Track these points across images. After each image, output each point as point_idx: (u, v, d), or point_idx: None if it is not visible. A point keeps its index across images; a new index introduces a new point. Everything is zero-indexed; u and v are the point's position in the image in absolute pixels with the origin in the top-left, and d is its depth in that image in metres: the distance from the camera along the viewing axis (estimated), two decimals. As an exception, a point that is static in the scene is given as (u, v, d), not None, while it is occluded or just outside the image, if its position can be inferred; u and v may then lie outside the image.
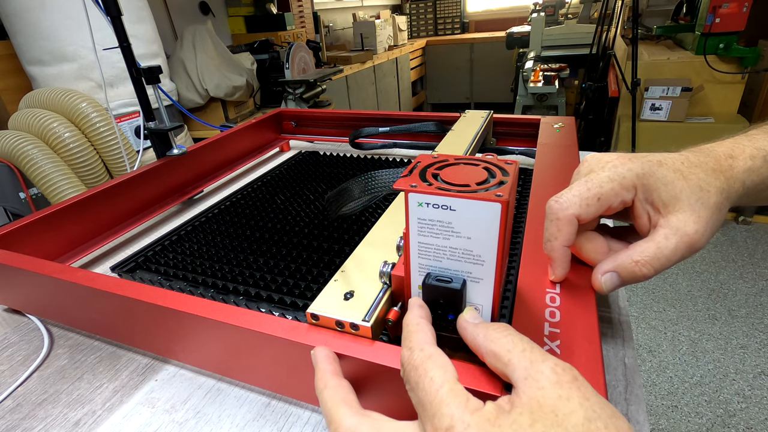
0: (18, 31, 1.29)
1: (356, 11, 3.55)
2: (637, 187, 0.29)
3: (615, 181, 0.28)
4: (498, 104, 4.09)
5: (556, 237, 0.29)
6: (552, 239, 0.29)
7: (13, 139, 1.09)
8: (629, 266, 0.28)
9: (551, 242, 0.29)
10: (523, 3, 4.14)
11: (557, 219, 0.29)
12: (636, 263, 0.28)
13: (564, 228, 0.29)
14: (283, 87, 1.93)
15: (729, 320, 1.60)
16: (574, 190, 0.29)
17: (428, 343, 0.23)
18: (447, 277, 0.25)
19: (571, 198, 0.29)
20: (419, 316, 0.25)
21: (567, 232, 0.29)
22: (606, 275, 0.29)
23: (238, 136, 0.78)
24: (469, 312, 0.25)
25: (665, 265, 0.27)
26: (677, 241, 0.27)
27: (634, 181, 0.28)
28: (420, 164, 0.27)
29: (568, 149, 0.55)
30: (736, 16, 1.88)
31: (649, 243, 0.28)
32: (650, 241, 0.28)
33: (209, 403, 0.35)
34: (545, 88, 2.31)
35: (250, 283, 0.44)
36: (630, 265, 0.28)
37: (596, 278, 0.29)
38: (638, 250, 0.28)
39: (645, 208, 0.29)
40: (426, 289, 0.26)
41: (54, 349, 0.42)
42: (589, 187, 0.29)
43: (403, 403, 0.27)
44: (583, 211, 0.28)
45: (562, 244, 0.29)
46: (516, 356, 0.21)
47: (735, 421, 1.24)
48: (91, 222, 0.55)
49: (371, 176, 0.41)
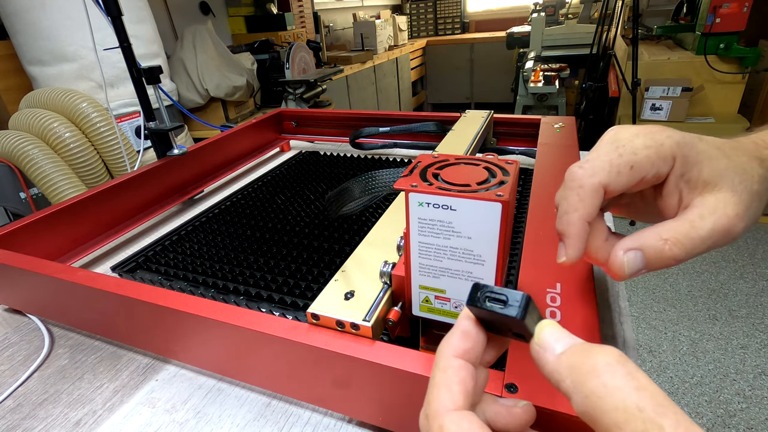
0: (18, 31, 1.29)
1: (356, 11, 3.56)
2: (676, 158, 0.24)
3: (651, 149, 0.24)
4: (498, 104, 4.09)
5: (577, 209, 0.24)
6: (571, 211, 0.24)
7: (13, 139, 1.09)
8: (657, 244, 0.23)
9: (569, 215, 0.24)
10: (523, 3, 4.13)
11: (580, 187, 0.24)
12: (665, 241, 0.23)
13: (587, 199, 0.24)
14: (283, 87, 1.93)
15: (729, 320, 1.59)
16: (603, 155, 0.24)
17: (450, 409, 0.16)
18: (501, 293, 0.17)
19: (600, 164, 0.24)
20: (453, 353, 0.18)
21: (590, 204, 0.24)
22: (630, 254, 0.24)
23: (239, 136, 0.78)
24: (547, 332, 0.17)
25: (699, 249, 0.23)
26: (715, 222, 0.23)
27: (674, 151, 0.24)
28: (420, 164, 0.27)
29: (569, 149, 0.55)
30: (736, 16, 1.88)
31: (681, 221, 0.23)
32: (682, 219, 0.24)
33: (209, 403, 0.35)
34: (545, 88, 2.31)
35: (250, 283, 0.44)
36: (658, 243, 0.23)
37: (617, 258, 0.24)
38: (667, 227, 0.23)
39: (679, 185, 0.24)
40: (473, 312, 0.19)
41: (54, 349, 0.42)
42: (621, 153, 0.24)
43: (403, 403, 0.27)
44: (613, 180, 0.24)
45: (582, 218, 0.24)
46: None
47: (735, 421, 1.24)
48: (91, 222, 0.55)
49: (371, 176, 0.41)
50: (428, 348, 0.30)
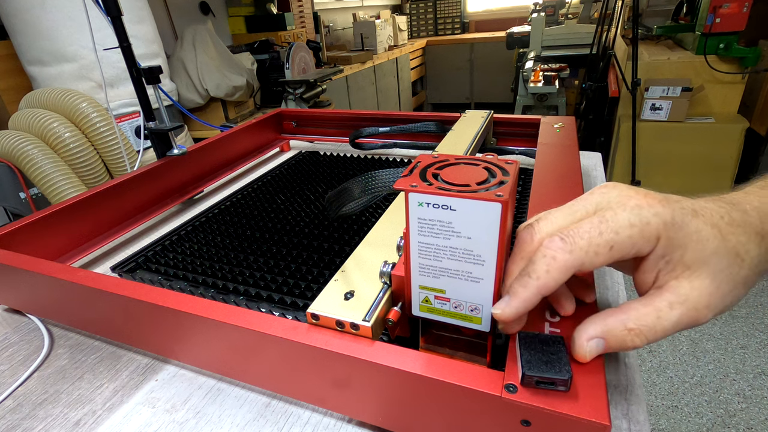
0: (18, 31, 1.29)
1: (356, 11, 3.56)
2: (660, 238, 0.23)
3: (635, 228, 0.23)
4: (498, 104, 4.09)
5: (539, 278, 0.23)
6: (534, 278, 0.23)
7: (13, 139, 1.09)
8: (620, 334, 0.23)
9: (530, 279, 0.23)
10: (523, 3, 4.14)
11: (553, 259, 0.23)
12: (629, 332, 0.23)
13: (554, 273, 0.23)
14: (283, 87, 1.93)
15: (729, 320, 1.60)
16: (584, 230, 0.23)
17: None
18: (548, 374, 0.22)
19: (579, 241, 0.23)
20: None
21: (554, 279, 0.23)
22: (592, 342, 0.23)
23: (239, 136, 0.78)
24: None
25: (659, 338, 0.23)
26: (682, 314, 0.22)
27: (659, 232, 0.23)
28: (420, 164, 0.27)
29: (569, 149, 0.55)
30: (736, 16, 1.88)
31: (648, 308, 0.23)
32: (649, 305, 0.23)
33: (209, 403, 0.35)
34: (545, 88, 2.31)
35: (250, 283, 0.44)
36: (621, 333, 0.23)
37: (580, 344, 0.24)
38: (633, 316, 0.23)
39: (658, 265, 0.24)
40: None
41: (54, 349, 0.42)
42: (601, 231, 0.23)
43: (403, 403, 0.27)
44: (589, 260, 0.23)
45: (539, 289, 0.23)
46: None
47: (735, 421, 1.24)
48: (91, 222, 0.55)
49: (371, 176, 0.41)
50: (428, 348, 0.30)
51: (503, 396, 0.23)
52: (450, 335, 0.27)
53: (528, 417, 0.23)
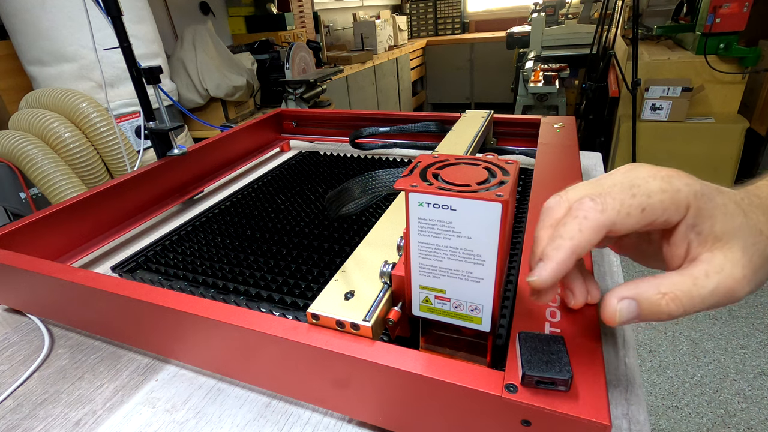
0: (18, 31, 1.29)
1: (356, 11, 3.55)
2: (690, 207, 0.23)
3: (667, 193, 0.22)
4: (498, 104, 4.09)
5: (572, 237, 0.22)
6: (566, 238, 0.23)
7: (13, 139, 1.09)
8: (654, 297, 0.22)
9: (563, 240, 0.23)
10: (523, 3, 4.13)
11: (585, 219, 0.22)
12: (663, 296, 0.22)
13: (587, 232, 0.22)
14: (283, 87, 1.93)
15: (729, 320, 1.59)
16: (616, 192, 0.23)
17: None
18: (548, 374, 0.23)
19: (611, 202, 0.23)
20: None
21: (588, 238, 0.22)
22: (624, 302, 0.23)
23: (239, 136, 0.78)
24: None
25: (696, 308, 0.22)
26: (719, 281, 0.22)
27: (689, 200, 0.23)
28: (420, 164, 0.27)
29: (569, 149, 0.55)
30: (736, 16, 1.88)
31: (684, 276, 0.23)
32: (685, 274, 0.23)
33: (210, 403, 0.35)
34: (545, 88, 2.31)
35: (250, 283, 0.44)
36: (655, 296, 0.22)
37: (610, 304, 0.23)
38: (668, 282, 0.22)
39: (688, 236, 0.23)
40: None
41: (54, 349, 0.42)
42: (635, 194, 0.23)
43: (403, 403, 0.27)
44: (620, 220, 0.22)
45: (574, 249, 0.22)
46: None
47: (735, 421, 1.24)
48: (91, 222, 0.55)
49: (371, 176, 0.41)
50: (428, 348, 0.30)
51: (503, 396, 0.23)
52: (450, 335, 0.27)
53: (528, 417, 0.23)
